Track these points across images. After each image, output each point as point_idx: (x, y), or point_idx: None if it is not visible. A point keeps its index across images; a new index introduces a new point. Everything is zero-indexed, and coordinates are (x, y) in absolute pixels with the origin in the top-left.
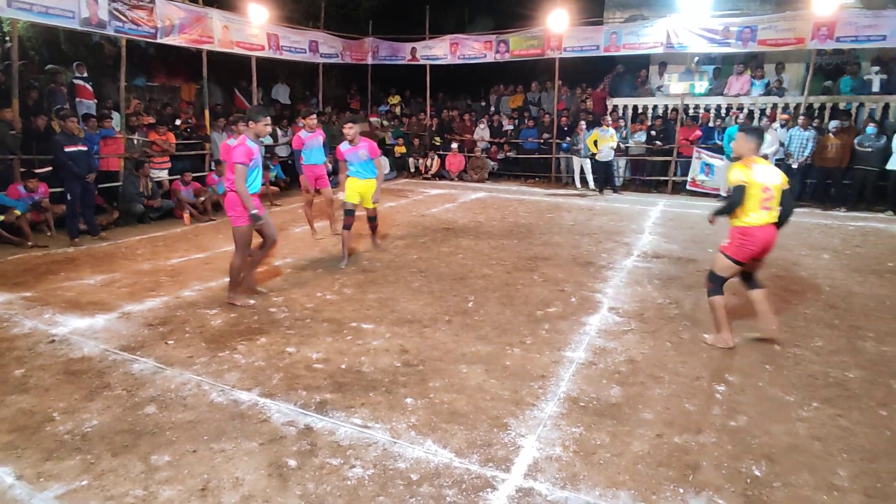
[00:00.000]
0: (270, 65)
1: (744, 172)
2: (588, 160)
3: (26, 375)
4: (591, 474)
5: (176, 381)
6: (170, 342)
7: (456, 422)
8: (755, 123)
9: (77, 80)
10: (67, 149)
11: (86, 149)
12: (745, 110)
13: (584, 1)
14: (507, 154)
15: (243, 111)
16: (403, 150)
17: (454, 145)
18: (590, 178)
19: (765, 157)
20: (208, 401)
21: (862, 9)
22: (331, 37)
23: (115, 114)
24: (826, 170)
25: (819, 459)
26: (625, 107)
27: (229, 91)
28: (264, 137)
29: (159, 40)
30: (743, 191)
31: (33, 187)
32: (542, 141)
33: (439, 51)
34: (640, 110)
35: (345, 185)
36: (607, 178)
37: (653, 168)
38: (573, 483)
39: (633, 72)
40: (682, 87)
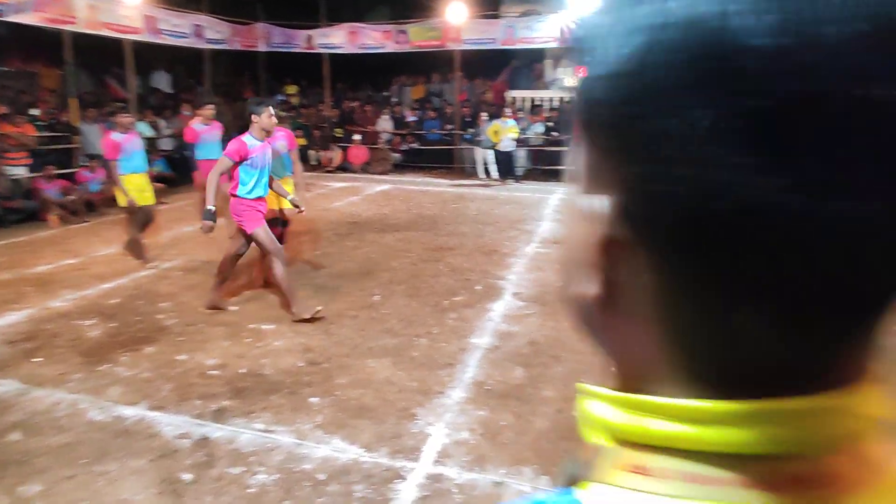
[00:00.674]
0: (149, 50)
1: None
2: (490, 151)
3: None
4: (498, 454)
5: (46, 402)
6: (37, 359)
7: (364, 417)
8: None
9: None
10: None
11: None
12: None
13: None
14: (411, 145)
15: (121, 101)
16: (304, 142)
17: (357, 137)
18: (493, 168)
19: None
20: (86, 420)
21: None
22: (217, 21)
23: None
24: None
25: None
26: (523, 99)
27: (100, 78)
28: (266, 131)
29: (8, 18)
30: None
31: None
32: (445, 132)
33: (337, 39)
34: (537, 102)
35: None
36: (509, 168)
37: (551, 158)
38: (481, 465)
39: (531, 65)
40: (575, 81)
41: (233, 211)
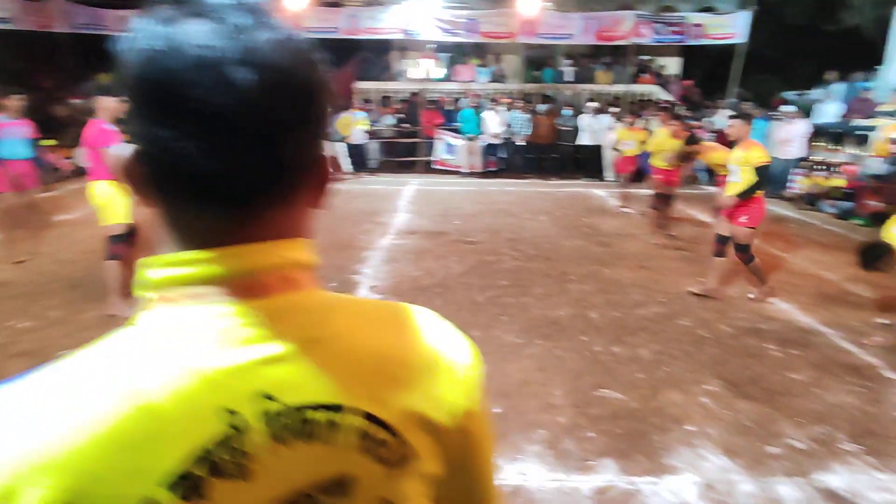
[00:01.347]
0: None
1: (764, 153)
2: (342, 143)
3: None
4: None
5: None
6: None
7: None
8: (489, 107)
9: None
10: None
11: None
12: (474, 94)
13: None
14: None
15: None
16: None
17: None
18: (345, 161)
19: (495, 135)
20: None
21: (555, 10)
22: None
23: None
24: (540, 146)
25: (542, 387)
26: (370, 90)
27: None
28: None
29: None
30: (768, 168)
31: None
32: None
33: None
34: (387, 94)
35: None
36: (362, 161)
37: (403, 149)
38: None
39: (379, 56)
40: (421, 73)
41: None
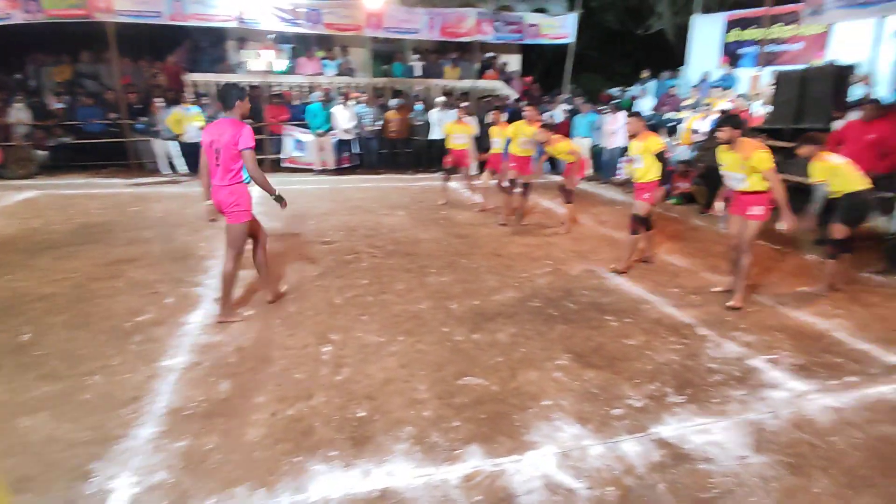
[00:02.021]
0: None
1: (659, 141)
2: (174, 142)
3: None
4: (204, 484)
5: None
6: None
7: (24, 491)
8: (337, 101)
9: None
10: None
11: None
12: (324, 88)
13: None
14: (61, 140)
15: None
16: None
17: None
18: (179, 161)
19: (346, 131)
20: None
21: (400, 4)
22: None
23: None
24: (392, 141)
25: (405, 383)
26: (205, 83)
27: None
28: None
29: None
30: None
31: None
32: (109, 122)
33: None
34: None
35: None
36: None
37: None
38: (183, 502)
39: (212, 45)
40: (262, 65)
41: (234, 199)
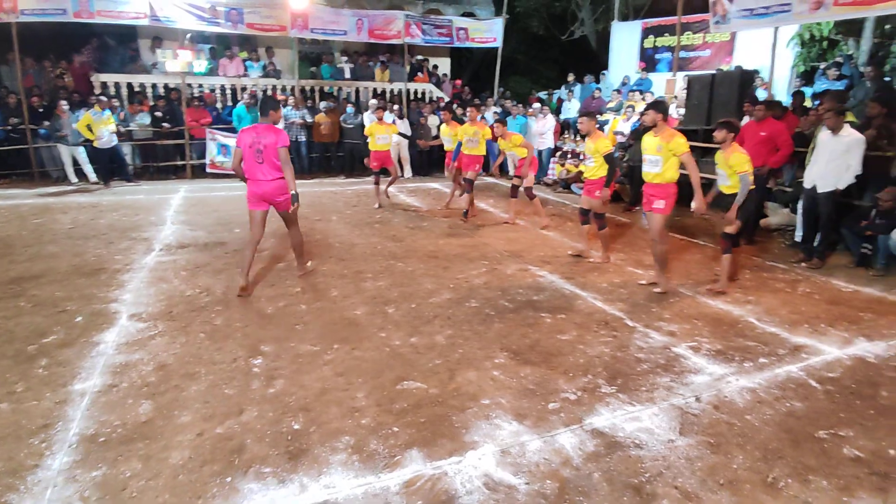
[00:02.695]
0: None
1: (608, 142)
2: (81, 148)
3: None
4: None
5: None
6: None
7: None
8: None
9: None
10: None
11: None
12: (248, 91)
13: None
14: None
15: None
16: None
17: None
18: (88, 168)
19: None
20: None
21: (326, 5)
22: None
23: None
24: (324, 144)
25: (343, 392)
26: (116, 84)
27: None
28: None
29: None
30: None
31: None
32: (9, 128)
33: None
34: (136, 89)
35: None
36: (116, 168)
37: (166, 153)
38: None
39: (123, 45)
40: (180, 65)
41: (280, 191)
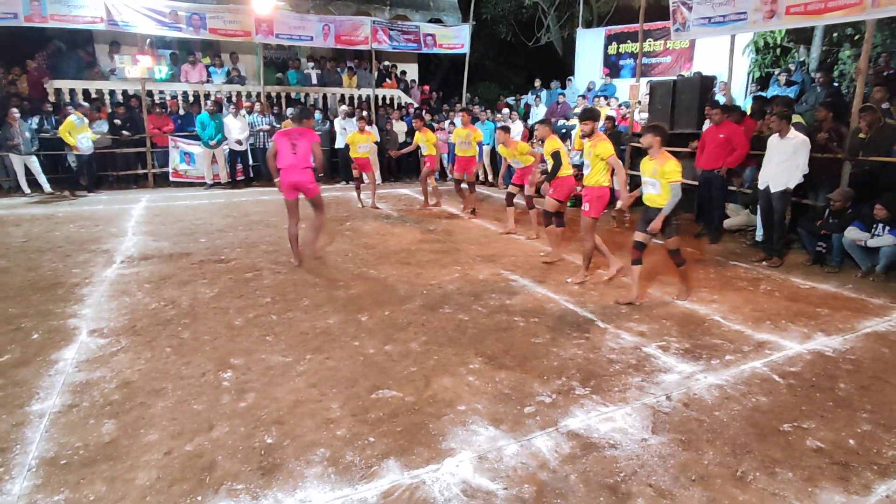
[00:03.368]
0: None
1: (555, 143)
2: (34, 157)
3: None
4: None
5: None
6: None
7: None
8: (229, 112)
9: None
10: None
11: None
12: (212, 97)
13: None
14: None
15: None
16: None
17: None
18: (41, 178)
19: (238, 142)
20: None
21: (291, 11)
22: None
23: None
24: None
25: (316, 403)
26: (72, 91)
27: None
28: None
29: None
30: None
31: None
32: None
33: None
34: (94, 95)
35: None
36: (89, 175)
37: (126, 161)
38: None
39: (78, 50)
40: (139, 71)
41: (311, 178)
